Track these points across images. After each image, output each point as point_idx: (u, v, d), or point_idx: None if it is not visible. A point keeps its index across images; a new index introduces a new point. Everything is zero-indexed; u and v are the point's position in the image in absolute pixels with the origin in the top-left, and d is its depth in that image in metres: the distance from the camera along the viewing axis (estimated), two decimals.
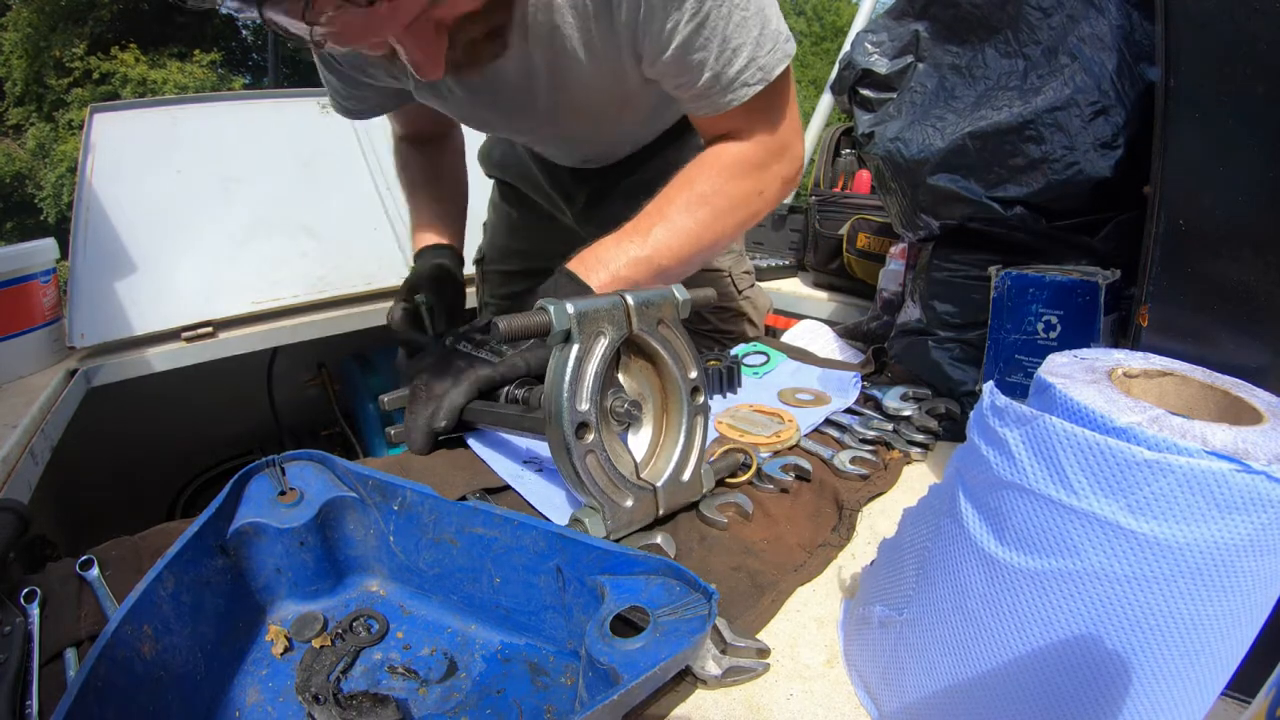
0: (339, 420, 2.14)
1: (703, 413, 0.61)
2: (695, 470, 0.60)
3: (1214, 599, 0.29)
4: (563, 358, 0.52)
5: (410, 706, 0.43)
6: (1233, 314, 0.55)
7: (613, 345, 0.54)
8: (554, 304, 0.51)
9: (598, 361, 0.53)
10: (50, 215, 10.56)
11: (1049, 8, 0.70)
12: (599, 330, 0.54)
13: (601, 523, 0.53)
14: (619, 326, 0.55)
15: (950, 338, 0.83)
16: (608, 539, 0.51)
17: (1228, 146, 0.54)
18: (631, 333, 0.56)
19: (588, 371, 0.53)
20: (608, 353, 0.54)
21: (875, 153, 0.84)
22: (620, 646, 0.39)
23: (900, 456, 0.73)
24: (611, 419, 0.56)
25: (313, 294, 1.65)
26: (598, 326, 0.54)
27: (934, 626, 0.38)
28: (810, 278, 1.77)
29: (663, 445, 0.61)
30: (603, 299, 0.55)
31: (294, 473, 0.53)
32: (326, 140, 1.86)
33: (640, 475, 0.58)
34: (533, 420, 0.60)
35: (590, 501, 0.54)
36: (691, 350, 0.60)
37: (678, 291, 0.60)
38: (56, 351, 1.37)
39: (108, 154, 1.56)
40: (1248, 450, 0.29)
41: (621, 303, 0.55)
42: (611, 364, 0.55)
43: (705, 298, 0.63)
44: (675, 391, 0.59)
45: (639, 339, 0.57)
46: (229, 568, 0.48)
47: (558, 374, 0.52)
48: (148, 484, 1.91)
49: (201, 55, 11.88)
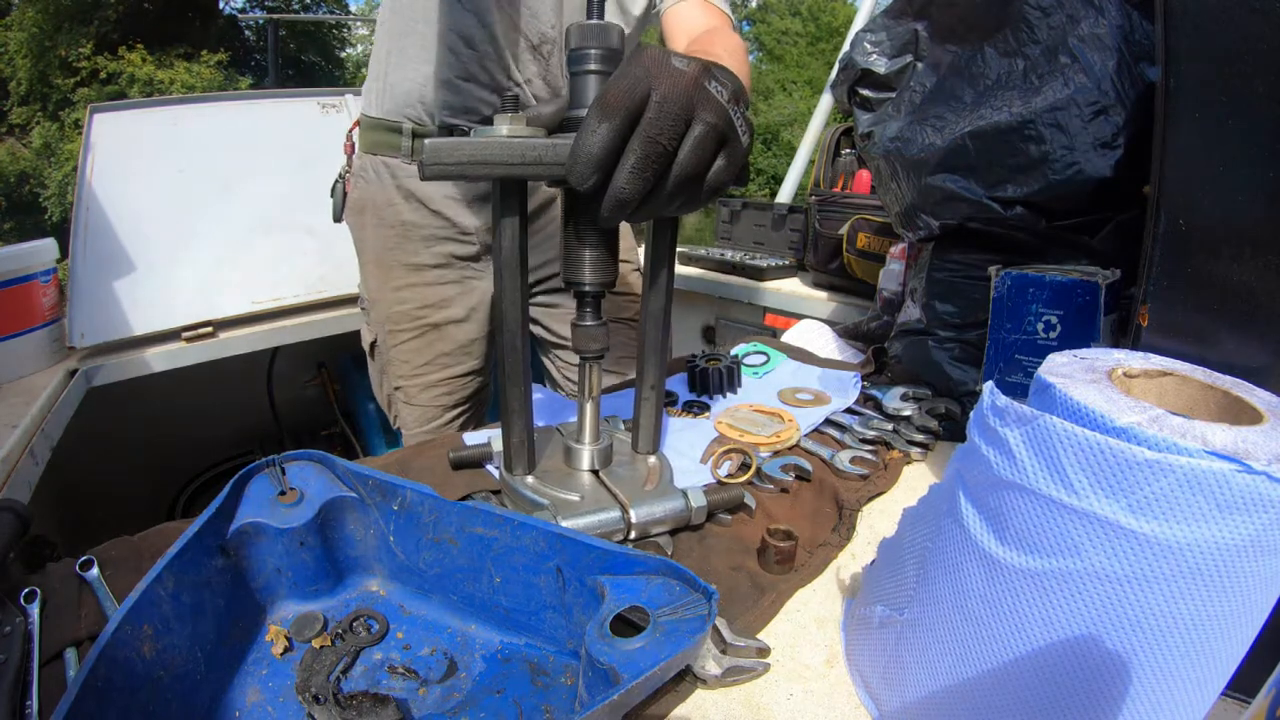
0: (339, 420, 2.14)
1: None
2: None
3: (1214, 599, 0.29)
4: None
5: (410, 706, 0.43)
6: (1233, 314, 0.55)
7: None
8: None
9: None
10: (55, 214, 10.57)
11: (1048, 7, 0.69)
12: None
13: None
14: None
15: (950, 338, 0.83)
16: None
17: (1228, 146, 0.54)
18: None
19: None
20: None
21: (875, 153, 0.85)
22: (620, 646, 0.39)
23: (900, 456, 0.73)
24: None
25: (313, 294, 1.65)
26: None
27: (934, 626, 0.38)
28: (810, 278, 1.77)
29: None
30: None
31: (294, 473, 0.53)
32: (326, 140, 1.86)
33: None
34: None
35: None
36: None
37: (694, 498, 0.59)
38: (56, 352, 1.37)
39: (108, 154, 1.57)
40: (1248, 450, 0.29)
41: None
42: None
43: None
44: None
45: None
46: (229, 568, 0.48)
47: None
48: (148, 484, 1.91)
49: (209, 55, 11.90)
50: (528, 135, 0.48)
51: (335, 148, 1.84)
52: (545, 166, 0.47)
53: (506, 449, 0.60)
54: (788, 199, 2.43)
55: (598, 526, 0.55)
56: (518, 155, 0.47)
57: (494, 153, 0.46)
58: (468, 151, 0.46)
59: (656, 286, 0.61)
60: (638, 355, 0.65)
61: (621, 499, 0.58)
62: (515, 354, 0.56)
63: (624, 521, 0.56)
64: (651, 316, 0.62)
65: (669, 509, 0.58)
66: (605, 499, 0.58)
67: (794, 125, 13.15)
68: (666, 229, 0.59)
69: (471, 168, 0.46)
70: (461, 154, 0.46)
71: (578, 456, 0.62)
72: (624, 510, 0.57)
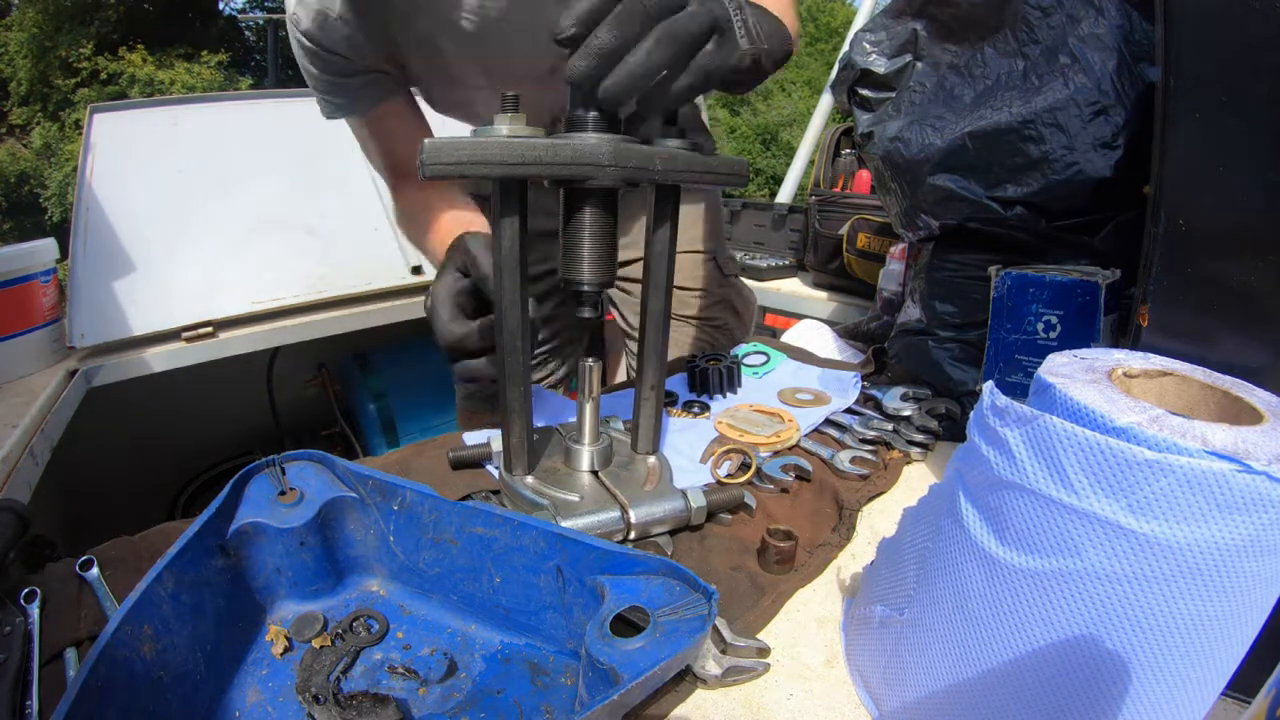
0: (339, 420, 2.14)
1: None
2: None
3: (1214, 599, 0.29)
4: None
5: (410, 706, 0.43)
6: (1233, 314, 0.55)
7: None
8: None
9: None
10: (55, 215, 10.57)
11: (1048, 7, 0.69)
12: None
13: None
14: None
15: (950, 338, 0.83)
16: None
17: (1228, 146, 0.54)
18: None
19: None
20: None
21: (875, 153, 0.84)
22: (620, 646, 0.39)
23: (900, 456, 0.73)
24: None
25: (313, 294, 1.65)
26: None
27: (934, 626, 0.38)
28: (810, 278, 1.77)
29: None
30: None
31: (294, 473, 0.53)
32: (326, 140, 1.86)
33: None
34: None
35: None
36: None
37: (693, 498, 0.59)
38: (56, 351, 1.37)
39: (108, 154, 1.57)
40: (1248, 450, 0.29)
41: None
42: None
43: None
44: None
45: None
46: (229, 568, 0.48)
47: None
48: (148, 484, 1.91)
49: (209, 56, 11.90)
50: (527, 135, 0.48)
51: (335, 148, 1.84)
52: (545, 166, 0.47)
53: (506, 449, 0.60)
54: (788, 199, 2.43)
55: (597, 527, 0.55)
56: (517, 155, 0.47)
57: (493, 152, 0.46)
58: (467, 151, 0.46)
59: (656, 286, 0.61)
60: (638, 355, 0.64)
61: (621, 499, 0.58)
62: (515, 354, 0.56)
63: (623, 522, 0.56)
64: (651, 316, 0.62)
65: (669, 509, 0.58)
66: (605, 499, 0.58)
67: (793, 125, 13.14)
68: (667, 228, 0.59)
69: (471, 167, 0.46)
70: (461, 153, 0.46)
71: (577, 457, 0.63)
72: (623, 511, 0.57)
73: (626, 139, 0.52)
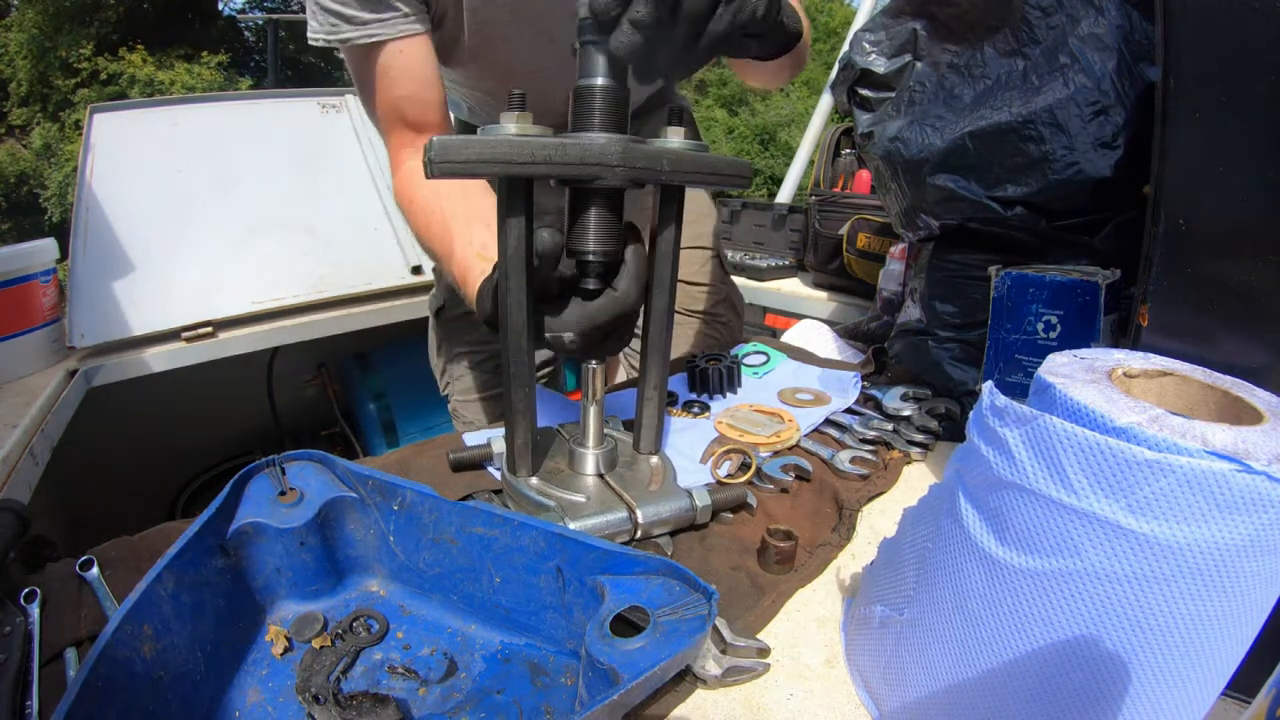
0: (339, 420, 2.14)
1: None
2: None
3: (1214, 599, 0.29)
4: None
5: (410, 706, 0.43)
6: (1233, 314, 0.55)
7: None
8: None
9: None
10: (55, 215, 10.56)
11: (1048, 7, 0.69)
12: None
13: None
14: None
15: (950, 338, 0.83)
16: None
17: (1228, 146, 0.54)
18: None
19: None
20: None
21: (875, 153, 0.84)
22: (620, 646, 0.39)
23: (900, 456, 0.73)
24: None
25: (313, 294, 1.65)
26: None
27: (934, 626, 0.38)
28: (810, 278, 1.77)
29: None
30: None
31: (294, 473, 0.53)
32: (326, 140, 1.86)
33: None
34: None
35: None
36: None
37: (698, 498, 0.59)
38: (56, 351, 1.37)
39: (108, 154, 1.57)
40: (1248, 450, 0.29)
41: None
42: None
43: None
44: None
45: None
46: (229, 568, 0.48)
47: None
48: (148, 484, 1.91)
49: (209, 56, 11.90)
50: (535, 134, 0.48)
51: (335, 147, 1.84)
52: (552, 165, 0.47)
53: (510, 450, 0.60)
54: (788, 199, 2.43)
55: (605, 528, 0.55)
56: (525, 153, 0.46)
57: (501, 151, 0.46)
58: (475, 149, 0.46)
59: (659, 285, 0.61)
60: (641, 354, 0.64)
61: (627, 500, 0.58)
62: (520, 355, 0.56)
63: (631, 522, 0.56)
64: (654, 316, 0.62)
65: (675, 509, 0.58)
66: (611, 500, 0.58)
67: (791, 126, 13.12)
68: (672, 228, 0.59)
69: (478, 166, 0.46)
70: (469, 151, 0.46)
71: (581, 460, 0.62)
72: (630, 511, 0.56)
73: (634, 139, 0.52)
